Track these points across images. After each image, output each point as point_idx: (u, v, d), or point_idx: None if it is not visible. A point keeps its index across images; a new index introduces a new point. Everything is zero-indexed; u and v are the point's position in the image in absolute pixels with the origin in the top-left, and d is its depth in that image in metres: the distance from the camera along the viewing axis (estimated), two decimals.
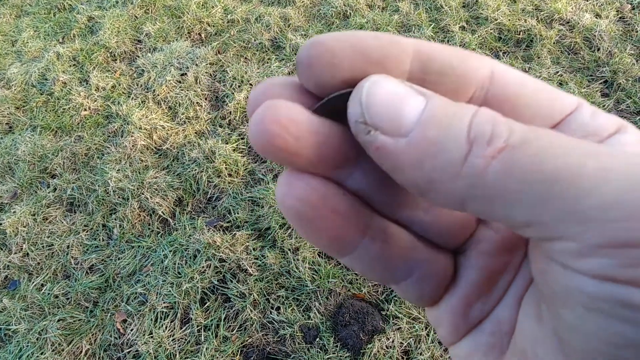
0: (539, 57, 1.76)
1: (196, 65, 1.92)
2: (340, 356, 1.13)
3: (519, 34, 1.86)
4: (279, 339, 1.20)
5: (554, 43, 1.80)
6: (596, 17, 1.87)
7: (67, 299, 1.37)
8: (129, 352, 1.24)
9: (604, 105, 1.58)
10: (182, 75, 1.91)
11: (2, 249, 1.51)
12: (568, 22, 1.87)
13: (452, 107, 0.13)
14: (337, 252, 0.16)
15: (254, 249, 1.35)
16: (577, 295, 0.12)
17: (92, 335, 1.29)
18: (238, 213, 1.44)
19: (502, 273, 0.18)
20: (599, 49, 1.76)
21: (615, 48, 1.74)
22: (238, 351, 1.19)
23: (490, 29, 1.88)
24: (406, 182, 0.14)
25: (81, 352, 1.26)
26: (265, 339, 1.21)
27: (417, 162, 0.13)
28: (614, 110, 1.58)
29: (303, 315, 1.21)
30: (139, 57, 2.09)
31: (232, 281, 1.30)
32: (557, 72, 1.70)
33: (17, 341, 1.29)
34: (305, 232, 0.15)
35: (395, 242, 0.17)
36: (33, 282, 1.41)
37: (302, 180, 0.15)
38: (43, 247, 1.49)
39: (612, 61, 1.70)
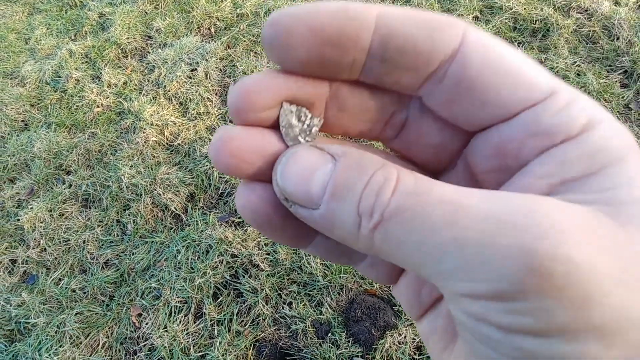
0: (555, 47, 1.71)
1: (206, 60, 1.92)
2: (352, 351, 1.14)
3: (535, 24, 1.80)
4: (291, 334, 1.21)
5: (571, 32, 1.75)
6: (615, 5, 1.81)
7: (84, 293, 1.40)
8: (144, 346, 1.26)
9: (623, 97, 1.53)
10: (192, 70, 1.91)
11: (20, 244, 1.55)
12: (586, 11, 1.81)
13: (352, 174, 0.15)
14: (297, 246, 0.19)
15: (265, 245, 1.35)
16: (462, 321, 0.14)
17: (109, 328, 1.31)
18: None
19: None
20: (618, 38, 1.70)
21: (635, 37, 1.68)
22: (251, 346, 1.20)
23: (505, 19, 1.84)
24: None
25: (98, 345, 1.29)
26: (277, 333, 1.21)
27: (328, 229, 0.15)
28: (633, 102, 1.53)
29: (315, 311, 1.22)
30: (149, 53, 2.09)
31: (244, 276, 1.31)
32: (575, 62, 1.65)
33: (37, 334, 1.32)
34: (265, 234, 0.18)
35: None
36: (51, 277, 1.44)
37: (254, 193, 0.17)
38: (60, 242, 1.52)
39: (632, 50, 1.64)
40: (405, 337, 1.13)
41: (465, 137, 0.18)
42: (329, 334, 1.18)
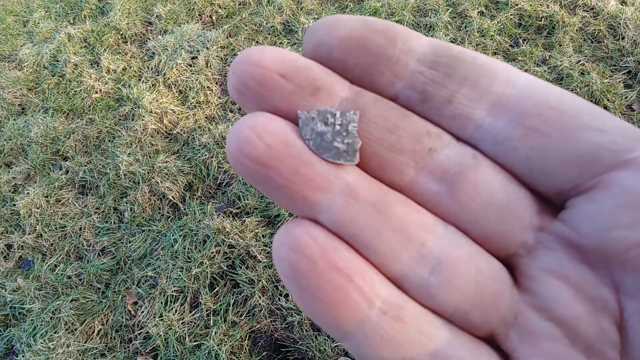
0: (560, 45, 1.69)
1: (207, 48, 1.89)
2: None
3: (541, 20, 1.79)
4: (287, 326, 1.21)
5: (576, 30, 1.73)
6: (622, 4, 1.79)
7: (80, 279, 1.39)
8: (139, 334, 1.26)
9: (626, 97, 1.52)
10: (192, 58, 1.89)
11: (16, 230, 1.54)
12: (592, 9, 1.80)
13: None
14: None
15: (263, 236, 1.35)
16: None
17: (104, 315, 1.31)
18: (248, 199, 1.44)
19: None
20: (623, 38, 1.68)
21: None
22: (246, 336, 1.20)
23: (511, 15, 1.82)
24: None
25: (94, 331, 1.29)
26: (273, 325, 1.22)
27: None
28: (636, 102, 1.52)
29: None
30: (149, 39, 2.06)
31: (241, 267, 1.31)
32: (579, 60, 1.64)
33: (32, 320, 1.32)
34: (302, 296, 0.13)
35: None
36: (47, 263, 1.43)
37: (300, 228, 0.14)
38: (56, 228, 1.51)
39: (637, 51, 1.63)
40: None
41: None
42: None
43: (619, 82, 1.57)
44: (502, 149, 0.14)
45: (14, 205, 1.58)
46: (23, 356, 1.25)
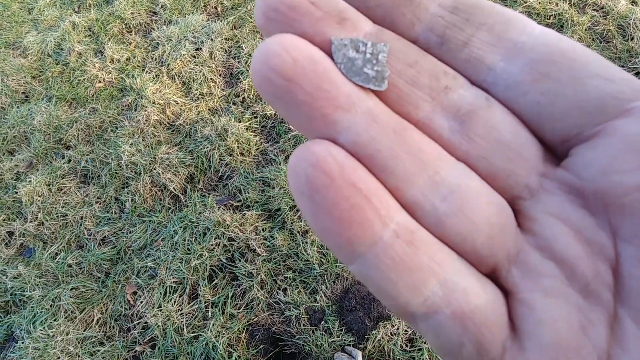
0: None
1: (211, 40, 1.88)
2: (345, 340, 1.14)
3: (549, 18, 1.76)
4: (284, 320, 1.21)
5: (585, 30, 1.71)
6: (632, 4, 1.76)
7: (80, 268, 1.40)
8: (138, 324, 1.27)
9: None
10: (196, 50, 1.88)
11: (18, 217, 1.55)
12: (602, 8, 1.77)
13: None
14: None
15: (263, 230, 1.35)
16: None
17: (104, 304, 1.32)
18: (249, 193, 1.44)
19: None
20: (632, 39, 1.66)
21: None
22: (244, 329, 1.21)
23: (520, 12, 1.79)
24: None
25: (93, 320, 1.30)
26: (271, 318, 1.22)
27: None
28: None
29: (309, 298, 1.22)
30: (154, 29, 2.06)
31: (240, 260, 1.31)
32: None
33: (32, 307, 1.33)
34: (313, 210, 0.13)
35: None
36: (47, 251, 1.44)
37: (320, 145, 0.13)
38: (57, 217, 1.52)
39: None
40: (397, 328, 1.13)
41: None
42: (322, 322, 1.18)
43: None
44: (513, 93, 0.14)
45: (16, 192, 1.59)
46: (23, 342, 1.26)
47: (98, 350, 1.24)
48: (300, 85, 0.13)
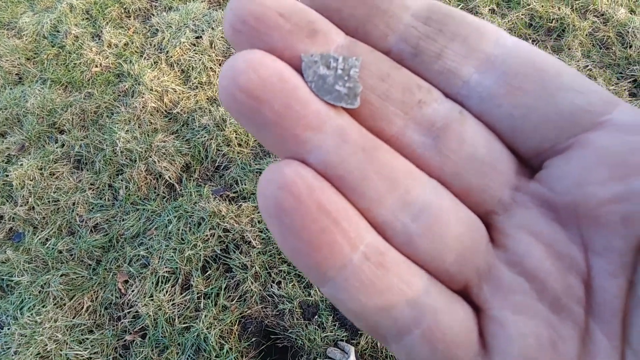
0: (569, 49, 1.68)
1: (212, 28, 1.86)
2: (338, 335, 1.14)
3: (551, 22, 1.77)
4: (277, 313, 1.20)
5: (586, 35, 1.72)
6: (631, 13, 1.78)
7: (71, 255, 1.38)
8: (129, 313, 1.25)
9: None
10: (197, 38, 1.85)
11: (8, 201, 1.52)
12: (602, 15, 1.78)
13: None
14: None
15: (258, 222, 1.34)
16: None
17: (94, 292, 1.30)
18: (245, 184, 1.42)
19: None
20: (631, 46, 1.67)
21: None
22: (236, 321, 1.20)
23: (522, 14, 1.80)
24: None
25: (82, 307, 1.27)
26: (264, 311, 1.21)
27: None
28: None
29: (303, 292, 1.22)
30: (153, 15, 2.02)
31: (234, 252, 1.30)
32: (587, 66, 1.63)
33: (19, 292, 1.30)
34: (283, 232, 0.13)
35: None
36: (38, 236, 1.41)
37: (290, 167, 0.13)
38: (49, 202, 1.49)
39: None
40: None
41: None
42: (316, 317, 1.18)
43: (624, 89, 1.56)
44: (487, 106, 0.14)
45: (7, 176, 1.55)
46: (9, 329, 1.23)
47: (87, 339, 1.22)
48: (268, 104, 0.12)
